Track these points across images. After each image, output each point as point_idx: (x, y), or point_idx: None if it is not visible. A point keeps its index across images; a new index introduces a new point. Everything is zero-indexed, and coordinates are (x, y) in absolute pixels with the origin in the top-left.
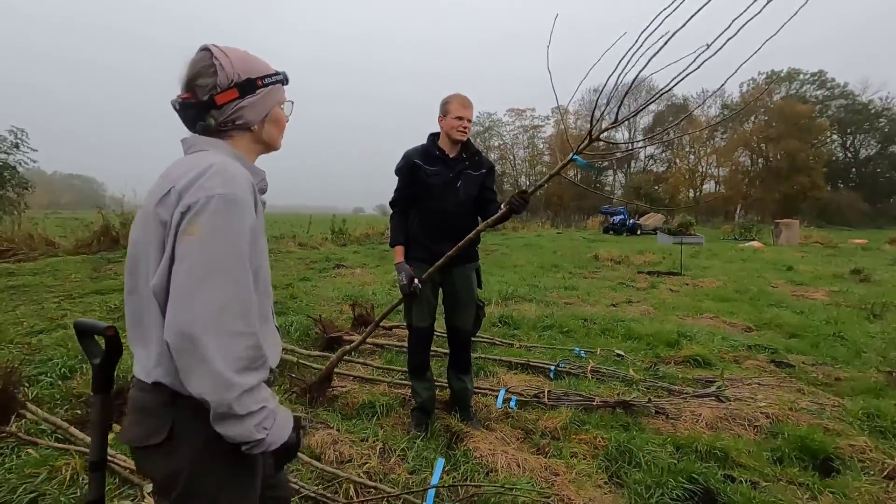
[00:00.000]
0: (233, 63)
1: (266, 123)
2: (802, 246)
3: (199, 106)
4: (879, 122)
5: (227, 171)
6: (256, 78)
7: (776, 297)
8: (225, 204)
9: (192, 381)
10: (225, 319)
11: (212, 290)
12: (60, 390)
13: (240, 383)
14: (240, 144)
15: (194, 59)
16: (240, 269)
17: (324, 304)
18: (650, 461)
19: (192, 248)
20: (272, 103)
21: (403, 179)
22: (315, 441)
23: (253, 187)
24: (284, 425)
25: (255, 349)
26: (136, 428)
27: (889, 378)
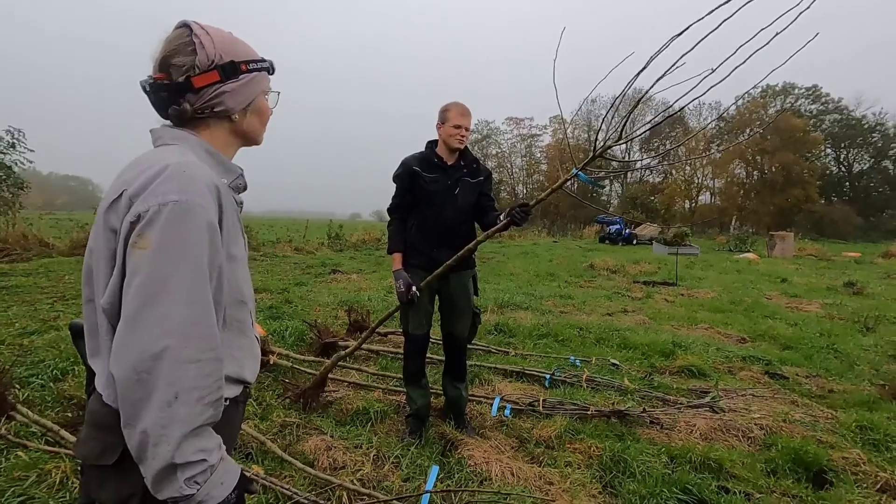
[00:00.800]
0: (215, 42)
1: (248, 113)
2: (796, 258)
3: (173, 88)
4: (872, 136)
5: (184, 173)
6: (241, 62)
7: (770, 309)
8: (180, 212)
9: (128, 418)
10: (175, 347)
11: (161, 315)
12: (52, 392)
13: (184, 421)
14: (216, 135)
15: (171, 35)
16: (196, 288)
17: (319, 310)
18: (644, 471)
19: (141, 264)
20: (256, 91)
21: (402, 186)
22: (308, 447)
23: (217, 190)
24: (223, 483)
25: (210, 378)
26: (91, 443)
27: (882, 391)
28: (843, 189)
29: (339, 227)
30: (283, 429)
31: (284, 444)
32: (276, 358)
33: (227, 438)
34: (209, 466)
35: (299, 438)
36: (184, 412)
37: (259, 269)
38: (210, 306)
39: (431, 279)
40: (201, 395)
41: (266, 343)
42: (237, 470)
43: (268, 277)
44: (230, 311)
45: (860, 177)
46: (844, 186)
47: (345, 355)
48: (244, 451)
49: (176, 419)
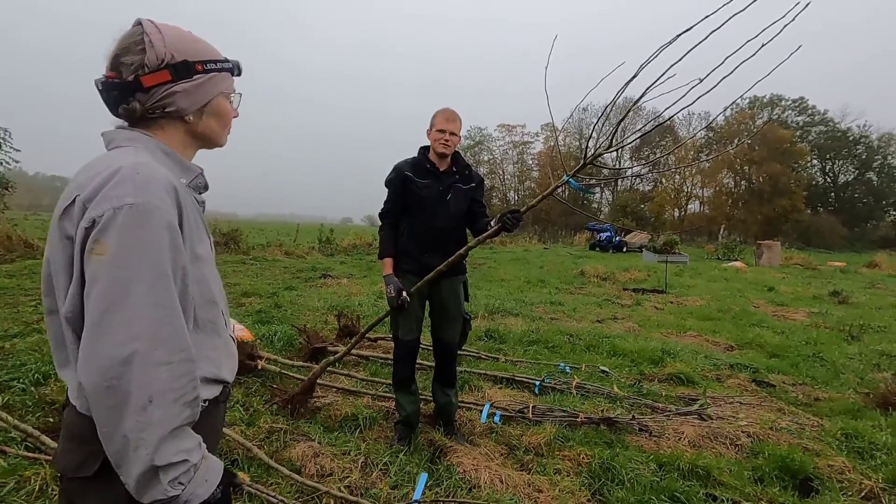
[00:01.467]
0: (166, 41)
1: (205, 115)
2: (783, 267)
3: (123, 87)
4: (857, 149)
5: (139, 174)
6: (196, 62)
7: (757, 317)
8: (136, 215)
9: (104, 425)
10: (143, 350)
11: (126, 319)
12: (33, 397)
13: (161, 423)
14: (171, 136)
15: (125, 33)
16: (159, 290)
17: (309, 314)
18: (633, 479)
19: (100, 271)
20: (213, 92)
21: (394, 192)
22: (296, 454)
23: (175, 190)
24: (207, 480)
25: (184, 379)
26: (69, 456)
27: (866, 399)
28: (829, 199)
29: (330, 232)
30: (270, 435)
31: (271, 451)
32: (265, 363)
33: (208, 438)
34: (192, 466)
35: (286, 445)
36: (160, 415)
37: (249, 272)
38: (177, 308)
39: (422, 284)
40: (176, 396)
41: (254, 348)
42: (220, 466)
43: (257, 281)
44: (201, 311)
45: (845, 188)
46: (830, 197)
47: (334, 360)
48: (230, 457)
49: (153, 422)
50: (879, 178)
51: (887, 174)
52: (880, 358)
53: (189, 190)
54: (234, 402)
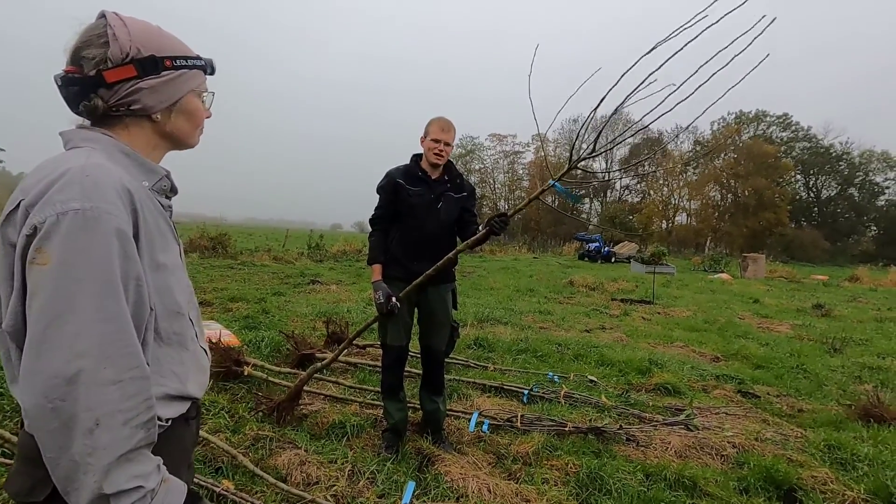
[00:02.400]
0: (131, 34)
1: (174, 114)
2: (768, 279)
3: (84, 82)
4: (839, 165)
5: (87, 177)
6: (164, 57)
7: (743, 329)
8: (82, 221)
9: (48, 450)
10: (89, 368)
11: (70, 335)
12: (11, 401)
13: (110, 448)
14: (136, 136)
15: (87, 26)
16: (108, 303)
17: (297, 320)
18: (620, 488)
19: (41, 282)
20: (183, 90)
21: (385, 198)
22: (281, 462)
23: (129, 193)
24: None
25: (135, 399)
26: (21, 478)
27: (849, 411)
28: (812, 214)
29: (319, 238)
30: (256, 442)
31: (256, 459)
32: (251, 369)
33: (174, 459)
34: (147, 492)
35: (272, 452)
36: (108, 438)
37: (236, 277)
38: (127, 321)
39: (411, 289)
40: (127, 417)
41: (241, 354)
42: (183, 489)
43: (245, 286)
44: (164, 323)
45: (828, 203)
46: (813, 212)
47: (321, 367)
48: (214, 465)
49: (100, 446)
50: (861, 193)
51: (868, 190)
52: (862, 370)
53: (151, 193)
54: (219, 409)
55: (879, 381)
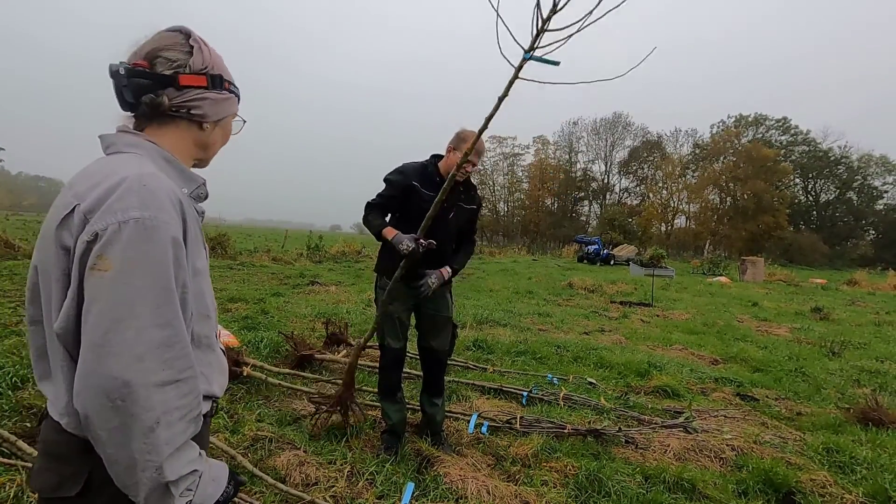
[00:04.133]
0: (212, 55)
1: (218, 128)
2: (766, 283)
3: (155, 77)
4: (838, 168)
5: (144, 186)
6: (226, 79)
7: (742, 332)
8: (142, 230)
9: (107, 447)
10: (149, 370)
11: (131, 339)
12: (10, 401)
13: (168, 443)
14: (180, 140)
15: (165, 34)
16: (165, 308)
17: (296, 321)
18: (619, 491)
19: (103, 288)
20: (230, 110)
21: (391, 193)
22: (280, 462)
23: (180, 203)
24: (214, 479)
25: (189, 396)
26: (47, 475)
27: (847, 414)
28: (811, 218)
29: (318, 238)
30: (255, 443)
31: (256, 459)
32: (251, 369)
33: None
34: (201, 473)
35: (271, 453)
36: (167, 435)
37: (235, 278)
38: (182, 326)
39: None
40: (182, 414)
41: (240, 354)
42: (223, 465)
43: (244, 287)
44: (197, 327)
45: (826, 206)
46: (812, 215)
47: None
48: None
49: (160, 443)
50: (859, 197)
51: (867, 194)
52: (860, 374)
53: (190, 200)
54: (217, 409)
55: (878, 385)
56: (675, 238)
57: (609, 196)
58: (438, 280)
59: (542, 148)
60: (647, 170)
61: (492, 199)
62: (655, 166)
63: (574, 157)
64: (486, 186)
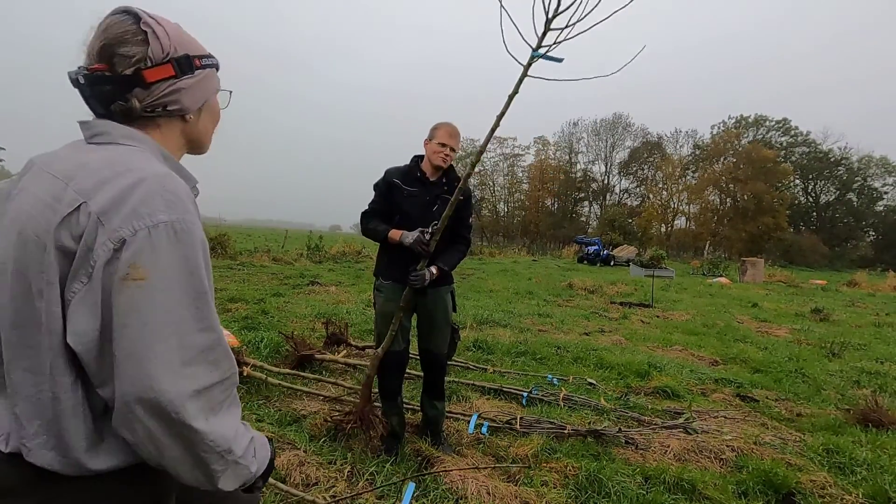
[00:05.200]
0: (169, 33)
1: (203, 113)
2: (766, 284)
3: (118, 81)
4: (838, 170)
5: (165, 186)
6: (195, 56)
7: (742, 333)
8: (175, 234)
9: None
10: (198, 376)
11: (176, 346)
12: None
13: (230, 432)
14: (168, 138)
15: (111, 21)
16: (205, 311)
17: (296, 321)
18: (619, 491)
19: (142, 298)
20: (210, 90)
21: (379, 195)
22: (280, 462)
23: (195, 203)
24: (264, 444)
25: (231, 387)
26: None
27: (847, 415)
28: (811, 219)
29: (318, 239)
30: None
31: None
32: (250, 370)
33: None
34: (254, 439)
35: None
36: (223, 428)
37: (235, 278)
38: (219, 326)
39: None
40: (231, 405)
41: (240, 354)
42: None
43: (244, 287)
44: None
45: (826, 208)
46: (812, 216)
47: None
48: None
49: (220, 435)
50: (859, 198)
51: (867, 195)
52: (860, 375)
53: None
54: None
55: (878, 386)
56: (675, 239)
57: (609, 197)
58: (430, 276)
59: (542, 149)
60: (647, 170)
61: (492, 199)
62: (655, 167)
63: (574, 158)
64: (486, 187)
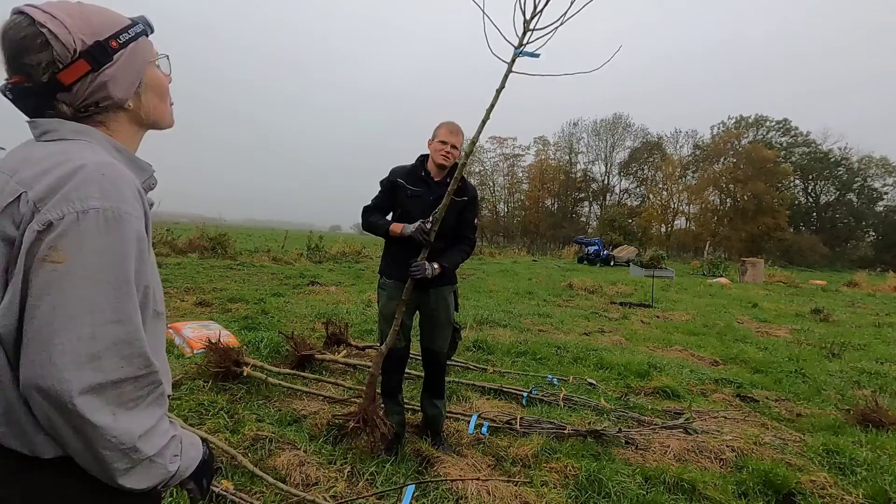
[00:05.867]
0: (68, 26)
1: (144, 94)
2: (766, 284)
3: (38, 92)
4: (838, 170)
5: (104, 175)
6: (108, 38)
7: (742, 333)
8: (104, 221)
9: (77, 449)
10: (106, 370)
11: (86, 336)
12: None
13: (140, 430)
14: (116, 130)
15: (7, 27)
16: (124, 303)
17: (296, 321)
18: (619, 492)
19: (55, 281)
20: (141, 65)
21: (383, 192)
22: (281, 462)
23: (140, 194)
24: (194, 444)
25: (150, 385)
26: None
27: (847, 416)
28: (811, 219)
29: (318, 239)
30: (255, 443)
31: (256, 459)
32: (250, 370)
33: None
34: (177, 438)
35: (271, 453)
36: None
37: (235, 278)
38: (140, 322)
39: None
40: (147, 403)
41: (240, 354)
42: (192, 432)
43: (244, 287)
44: (149, 325)
45: (826, 208)
46: (812, 217)
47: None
48: (214, 465)
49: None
50: (859, 199)
51: (867, 196)
52: (860, 375)
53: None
54: (218, 409)
55: (878, 386)
56: (674, 239)
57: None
58: (431, 270)
59: (542, 149)
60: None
61: (492, 199)
62: (655, 167)
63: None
64: (486, 187)
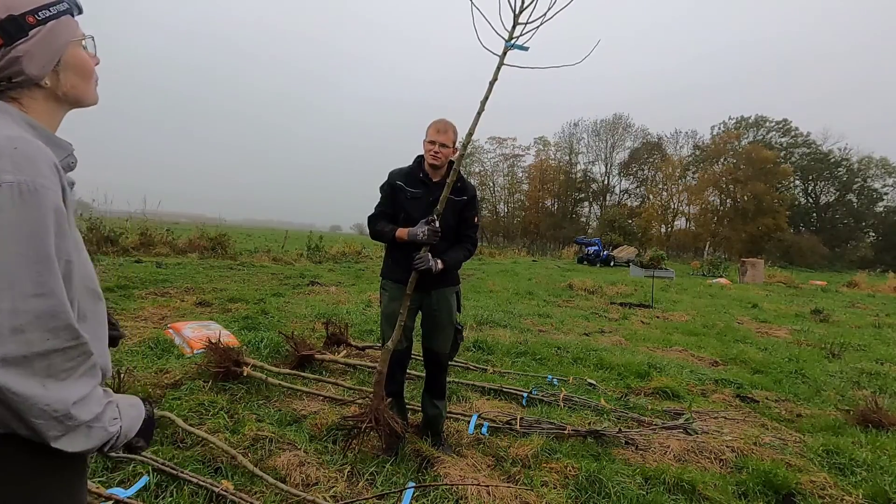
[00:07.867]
0: None
1: (62, 73)
2: (766, 284)
3: None
4: (838, 171)
5: (16, 149)
6: (24, 13)
7: (741, 333)
8: (18, 194)
9: (8, 417)
10: (31, 343)
11: (7, 310)
12: None
13: (73, 399)
14: (33, 108)
15: None
16: (46, 276)
17: (296, 322)
18: (619, 492)
19: None
20: (61, 44)
21: (384, 198)
22: (281, 462)
23: (57, 168)
24: (134, 404)
25: (81, 356)
26: None
27: (847, 416)
28: (811, 220)
29: (318, 239)
30: (255, 443)
31: (256, 459)
32: (250, 370)
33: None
34: (113, 403)
35: (271, 453)
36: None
37: (235, 278)
38: (64, 296)
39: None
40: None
41: (240, 354)
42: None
43: (244, 287)
44: (83, 302)
45: (826, 208)
46: (812, 217)
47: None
48: (213, 465)
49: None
50: (859, 199)
51: (867, 196)
52: (860, 375)
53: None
54: (218, 409)
55: (878, 387)
56: (674, 240)
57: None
58: (434, 263)
59: (542, 149)
60: (648, 171)
61: (492, 199)
62: (655, 168)
63: (574, 159)
64: (486, 187)
